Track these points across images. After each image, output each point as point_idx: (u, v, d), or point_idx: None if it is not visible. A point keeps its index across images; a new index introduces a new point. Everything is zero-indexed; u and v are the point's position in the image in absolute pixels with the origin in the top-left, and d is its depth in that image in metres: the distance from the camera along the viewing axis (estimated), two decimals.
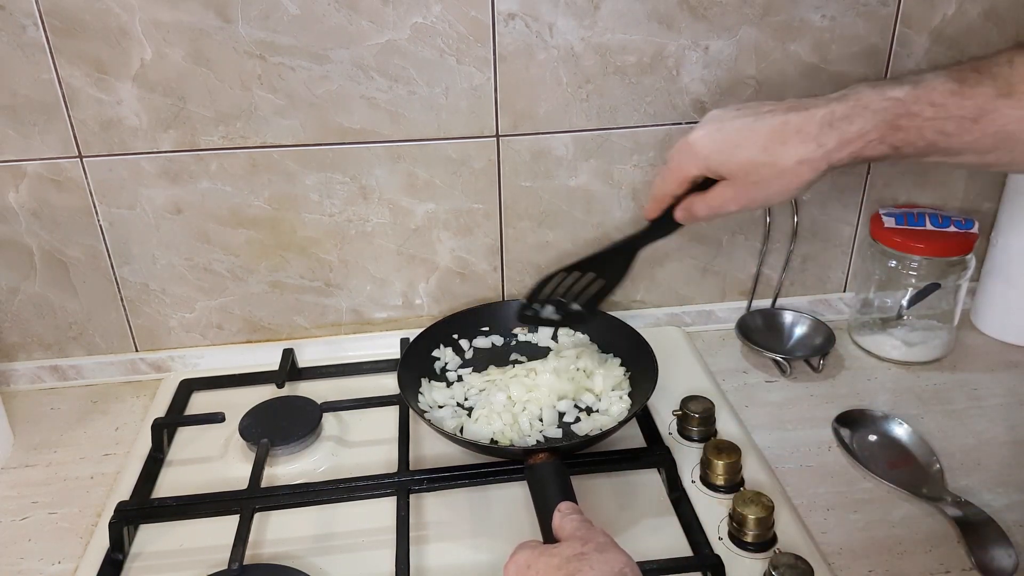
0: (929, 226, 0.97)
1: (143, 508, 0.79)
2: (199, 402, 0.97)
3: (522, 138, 0.95)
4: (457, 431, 0.84)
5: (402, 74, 0.90)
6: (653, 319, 1.08)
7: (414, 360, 0.93)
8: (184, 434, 0.91)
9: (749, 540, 0.72)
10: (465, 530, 0.77)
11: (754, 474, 0.81)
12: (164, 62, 0.87)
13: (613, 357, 0.95)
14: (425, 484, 0.80)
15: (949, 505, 0.76)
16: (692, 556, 0.72)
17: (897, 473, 0.82)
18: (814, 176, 0.61)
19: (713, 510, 0.77)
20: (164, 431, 0.89)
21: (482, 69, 0.91)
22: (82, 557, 0.76)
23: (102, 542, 0.76)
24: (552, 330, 0.99)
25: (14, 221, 0.93)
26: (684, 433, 0.87)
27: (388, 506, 0.77)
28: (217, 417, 0.86)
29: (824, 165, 0.60)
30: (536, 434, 0.83)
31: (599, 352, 0.96)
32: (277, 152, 0.93)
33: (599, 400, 0.88)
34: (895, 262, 0.98)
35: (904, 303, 0.99)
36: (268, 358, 1.00)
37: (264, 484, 0.80)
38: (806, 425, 0.90)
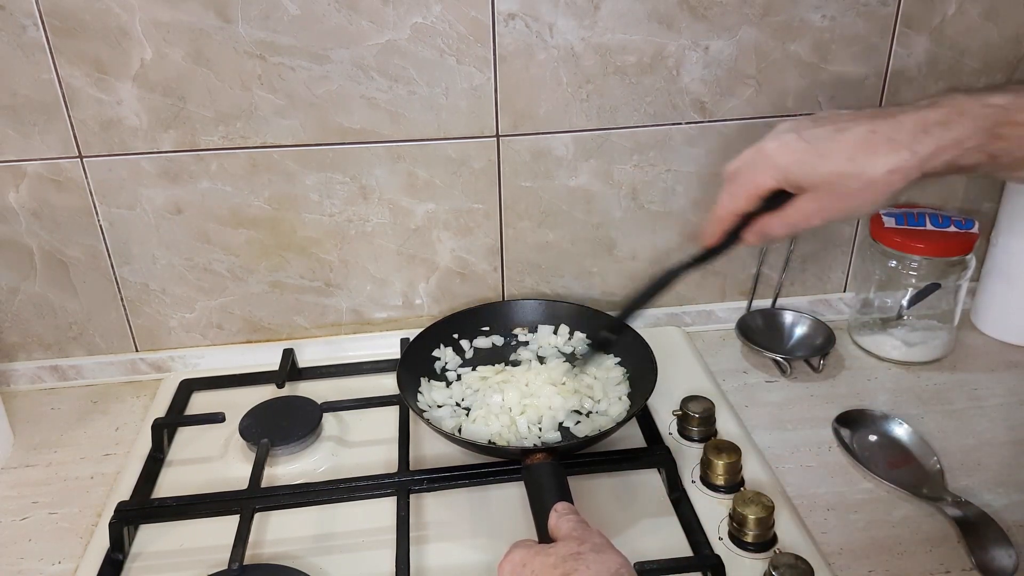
0: (929, 226, 0.97)
1: (143, 508, 0.79)
2: (199, 402, 0.97)
3: (522, 138, 0.95)
4: (456, 431, 0.84)
5: (402, 74, 0.90)
6: (653, 319, 1.08)
7: (414, 360, 0.93)
8: (184, 434, 0.91)
9: (749, 540, 0.72)
10: (465, 530, 0.77)
11: (754, 474, 0.81)
12: (164, 62, 0.87)
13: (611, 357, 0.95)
14: (425, 484, 0.80)
15: (949, 505, 0.76)
16: (692, 556, 0.72)
17: (897, 473, 0.82)
18: (905, 185, 0.58)
19: (713, 510, 0.77)
20: (164, 431, 0.89)
21: (482, 69, 0.91)
22: (82, 557, 0.76)
23: (102, 542, 0.76)
24: (551, 329, 0.99)
25: (14, 221, 0.93)
26: (684, 433, 0.87)
27: (388, 506, 0.77)
28: (217, 417, 0.86)
29: (917, 173, 0.57)
30: (534, 437, 0.83)
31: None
32: (277, 152, 0.93)
33: (598, 403, 0.88)
34: (895, 262, 0.98)
35: (904, 303, 0.99)
36: (268, 358, 1.00)
37: (264, 484, 0.80)
38: (806, 425, 0.90)
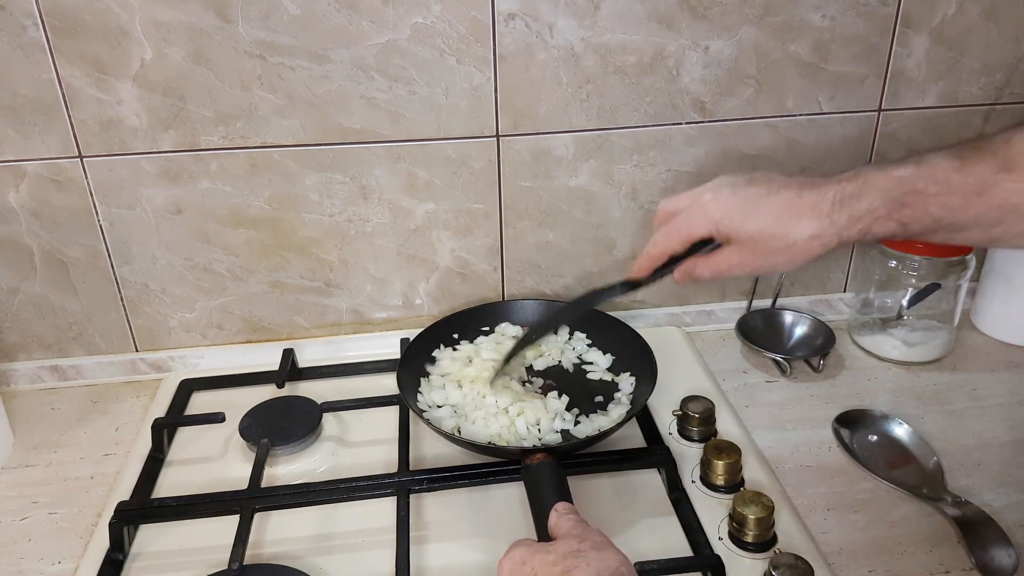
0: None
1: (143, 508, 0.79)
2: (199, 402, 0.97)
3: (522, 138, 0.95)
4: (456, 431, 0.84)
5: (402, 74, 0.90)
6: (653, 319, 1.08)
7: (414, 360, 0.93)
8: (184, 434, 0.91)
9: (749, 540, 0.72)
10: (465, 530, 0.77)
11: (754, 474, 0.81)
12: (164, 62, 0.87)
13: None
14: (425, 484, 0.80)
15: (949, 505, 0.76)
16: (692, 556, 0.72)
17: (897, 473, 0.82)
18: (823, 251, 0.63)
19: (713, 510, 0.77)
20: (164, 431, 0.89)
21: (482, 69, 0.91)
22: (82, 557, 0.76)
23: (102, 542, 0.76)
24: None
25: (14, 221, 0.93)
26: (684, 433, 0.87)
27: (388, 506, 0.77)
28: (217, 417, 0.86)
29: (834, 241, 0.62)
30: (533, 438, 0.83)
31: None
32: (277, 152, 0.93)
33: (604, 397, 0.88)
34: (895, 262, 0.98)
35: (904, 303, 0.99)
36: (268, 358, 1.00)
37: (264, 484, 0.80)
38: (806, 425, 0.90)
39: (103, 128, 0.89)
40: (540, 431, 0.84)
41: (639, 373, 0.91)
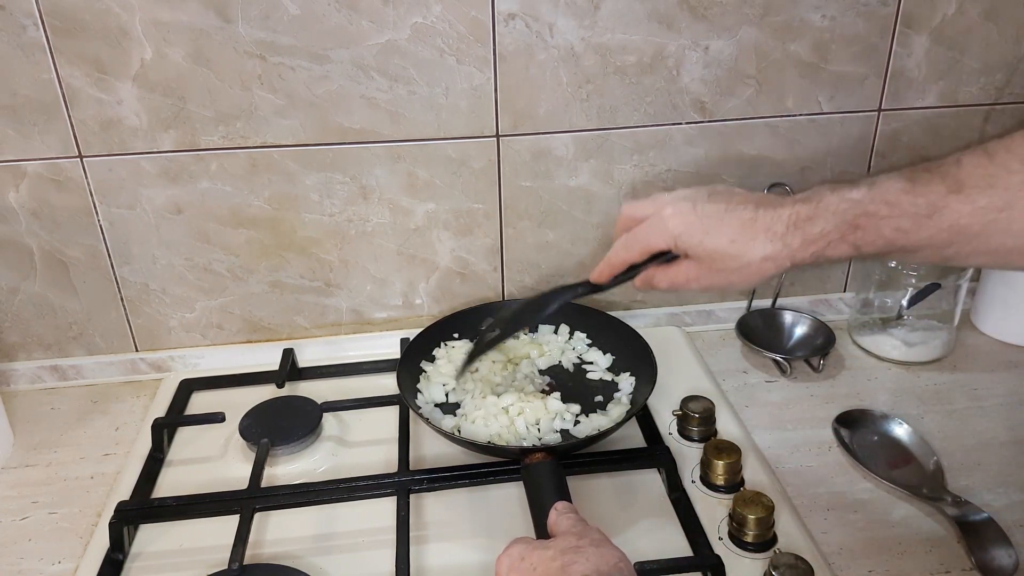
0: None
1: (143, 508, 0.79)
2: (199, 402, 0.97)
3: (522, 138, 0.95)
4: (456, 431, 0.84)
5: (402, 74, 0.90)
6: (653, 319, 1.08)
7: (414, 360, 0.93)
8: (184, 434, 0.91)
9: (749, 540, 0.72)
10: (465, 530, 0.77)
11: (754, 474, 0.81)
12: (164, 62, 0.87)
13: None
14: (425, 484, 0.80)
15: (949, 505, 0.76)
16: (692, 556, 0.72)
17: (897, 473, 0.82)
18: (776, 272, 0.63)
19: (713, 510, 0.77)
20: (164, 431, 0.89)
21: (482, 69, 0.91)
22: (82, 557, 0.76)
23: (102, 542, 0.76)
24: (551, 329, 0.99)
25: (14, 221, 0.93)
26: (684, 433, 0.87)
27: (388, 506, 0.77)
28: (217, 417, 0.86)
29: (788, 263, 0.62)
30: (533, 438, 0.83)
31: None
32: (277, 152, 0.93)
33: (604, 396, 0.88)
34: (895, 262, 0.98)
35: (904, 303, 0.99)
36: (268, 358, 1.00)
37: (264, 484, 0.80)
38: (806, 425, 0.90)
39: (103, 128, 0.89)
40: (540, 431, 0.84)
41: (639, 373, 0.91)
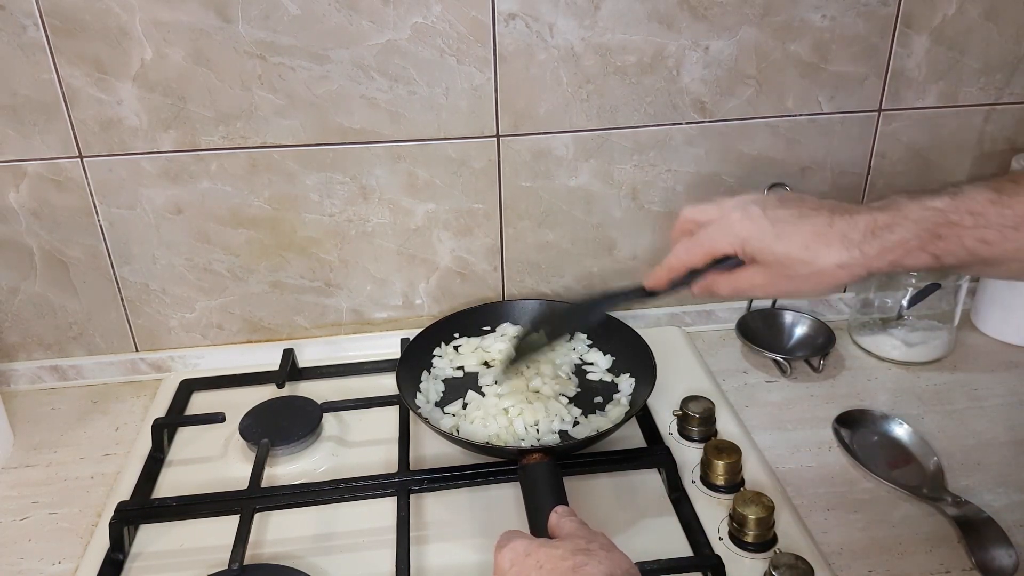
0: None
1: (143, 508, 0.79)
2: (199, 402, 0.97)
3: (522, 138, 0.95)
4: (454, 431, 0.84)
5: (402, 74, 0.90)
6: (653, 319, 1.08)
7: (414, 360, 0.93)
8: (184, 434, 0.91)
9: (749, 540, 0.72)
10: (465, 530, 0.77)
11: (754, 474, 0.81)
12: (164, 62, 0.87)
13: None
14: (425, 484, 0.80)
15: (949, 505, 0.76)
16: (692, 556, 0.72)
17: (897, 473, 0.82)
18: (850, 280, 0.61)
19: (713, 510, 0.77)
20: (164, 431, 0.89)
21: (482, 69, 0.91)
22: (82, 557, 0.76)
23: (102, 542, 0.76)
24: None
25: (14, 221, 0.93)
26: (684, 433, 0.87)
27: (388, 506, 0.77)
28: (217, 417, 0.86)
29: (863, 272, 0.60)
30: (531, 438, 0.83)
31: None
32: (277, 152, 0.93)
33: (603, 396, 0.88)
34: None
35: (904, 303, 0.99)
36: (268, 358, 1.00)
37: (264, 484, 0.80)
38: (806, 425, 0.90)
39: (103, 128, 0.89)
40: (539, 431, 0.84)
41: (639, 374, 0.91)
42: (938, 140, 1.02)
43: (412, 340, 0.95)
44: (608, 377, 0.93)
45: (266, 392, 0.95)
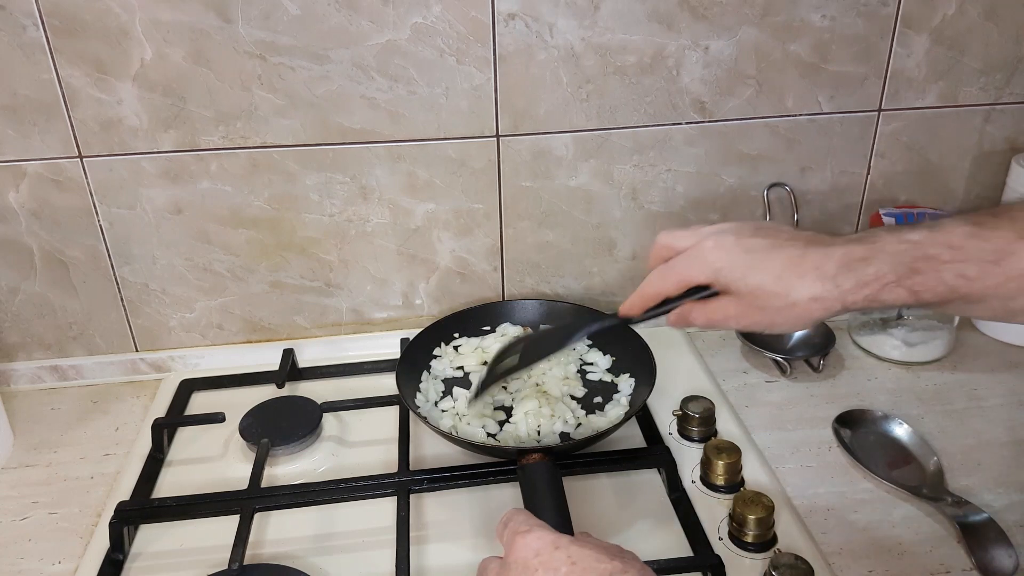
0: None
1: (143, 508, 0.79)
2: (199, 402, 0.97)
3: (522, 138, 0.95)
4: (452, 430, 0.84)
5: (402, 74, 0.90)
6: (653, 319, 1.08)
7: (414, 360, 0.93)
8: (184, 434, 0.91)
9: (749, 540, 0.72)
10: (465, 530, 0.77)
11: (754, 474, 0.81)
12: (164, 62, 0.87)
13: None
14: (425, 484, 0.80)
15: (949, 505, 0.76)
16: (692, 556, 0.72)
17: (897, 473, 0.82)
18: (824, 315, 0.59)
19: (713, 510, 0.77)
20: (164, 431, 0.89)
21: (482, 69, 0.91)
22: (82, 557, 0.76)
23: (102, 542, 0.76)
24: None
25: (14, 221, 0.93)
26: (684, 433, 0.87)
27: (388, 506, 0.77)
28: (217, 417, 0.86)
29: (838, 306, 0.58)
30: (532, 439, 0.83)
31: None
32: (277, 152, 0.93)
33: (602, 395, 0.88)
34: None
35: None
36: (268, 358, 1.00)
37: (264, 484, 0.80)
38: (806, 425, 0.90)
39: (103, 128, 0.89)
40: (540, 432, 0.84)
41: (638, 375, 0.91)
42: (938, 140, 1.02)
43: (412, 340, 0.95)
44: (608, 377, 0.93)
45: (266, 392, 0.95)
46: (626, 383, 0.91)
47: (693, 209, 1.02)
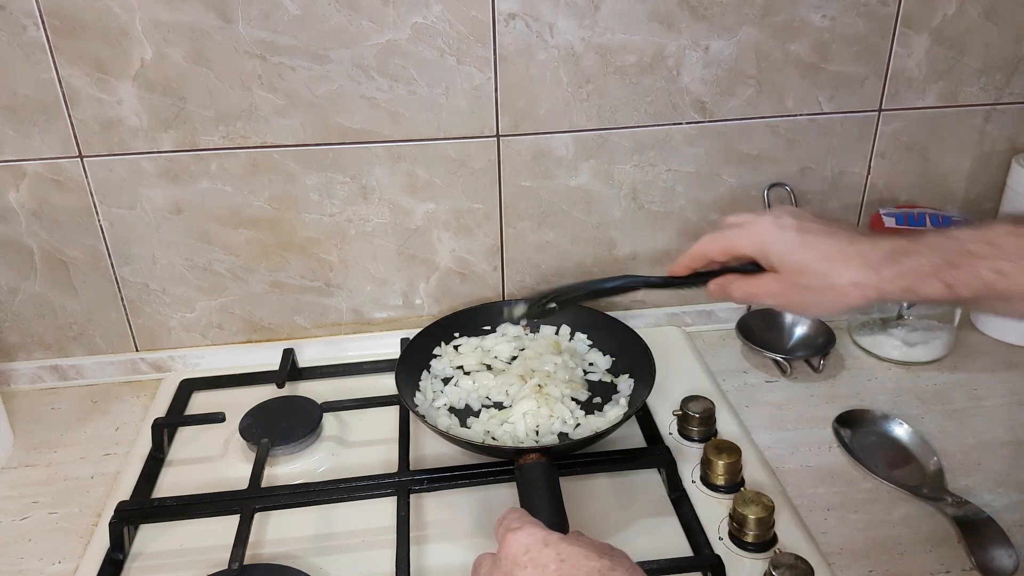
0: (929, 226, 0.97)
1: (143, 508, 0.79)
2: (199, 402, 0.97)
3: (522, 138, 0.95)
4: (449, 430, 0.84)
5: (402, 74, 0.90)
6: (653, 319, 1.08)
7: (413, 360, 0.93)
8: (184, 434, 0.91)
9: (749, 540, 0.72)
10: (465, 530, 0.77)
11: (754, 474, 0.81)
12: (164, 62, 0.87)
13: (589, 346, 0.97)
14: (425, 484, 0.80)
15: (949, 505, 0.76)
16: (692, 556, 0.72)
17: (897, 473, 0.82)
18: (862, 302, 0.60)
19: (713, 510, 0.77)
20: (164, 431, 0.89)
21: (482, 69, 0.91)
22: (82, 557, 0.76)
23: (102, 542, 0.76)
24: (553, 330, 0.99)
25: (14, 221, 0.93)
26: (684, 433, 0.87)
27: (388, 506, 0.77)
28: (217, 417, 0.86)
29: (874, 294, 0.60)
30: (530, 439, 0.83)
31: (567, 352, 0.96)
32: (277, 152, 0.93)
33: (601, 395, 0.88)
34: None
35: (904, 303, 0.99)
36: (268, 358, 1.00)
37: (264, 484, 0.80)
38: (806, 425, 0.90)
39: (103, 128, 0.89)
40: (539, 432, 0.84)
41: (638, 375, 0.91)
42: (938, 140, 1.02)
43: (412, 340, 0.95)
44: (608, 378, 0.93)
45: (266, 392, 0.95)
46: (625, 383, 0.91)
47: (693, 209, 1.02)
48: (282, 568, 0.72)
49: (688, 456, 0.83)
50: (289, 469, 0.85)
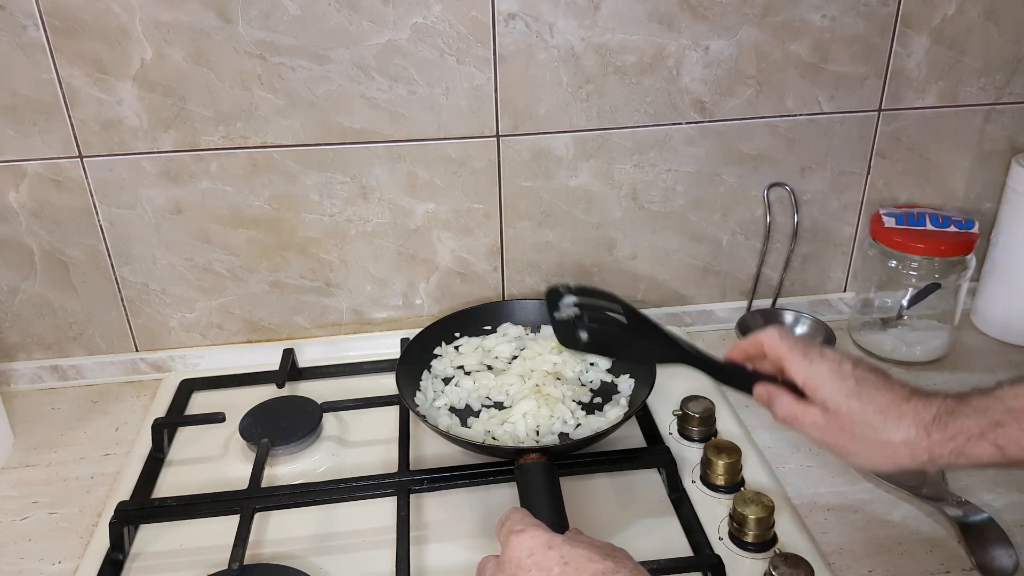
0: (929, 226, 0.97)
1: (143, 508, 0.79)
2: (199, 402, 0.97)
3: (522, 138, 0.95)
4: (449, 430, 0.84)
5: (402, 74, 0.90)
6: (653, 319, 1.07)
7: (413, 360, 0.93)
8: (184, 434, 0.91)
9: (749, 540, 0.72)
10: (465, 530, 0.77)
11: (754, 474, 0.81)
12: (164, 62, 0.87)
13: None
14: (425, 484, 0.80)
15: (949, 505, 0.76)
16: (692, 556, 0.72)
17: (897, 473, 0.82)
18: (910, 463, 0.60)
19: (713, 510, 0.77)
20: (164, 431, 0.89)
21: (482, 69, 0.91)
22: (82, 557, 0.76)
23: (102, 542, 0.76)
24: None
25: (14, 221, 0.93)
26: (684, 433, 0.87)
27: (388, 506, 0.77)
28: (217, 417, 0.86)
29: (925, 456, 0.59)
30: (531, 440, 0.83)
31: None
32: (277, 152, 0.93)
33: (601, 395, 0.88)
34: (895, 262, 0.98)
35: (904, 303, 0.99)
36: (268, 358, 1.00)
37: (264, 484, 0.80)
38: None
39: (103, 128, 0.89)
40: (539, 432, 0.84)
41: (638, 375, 0.91)
42: (938, 140, 1.02)
43: (412, 340, 0.95)
44: (608, 378, 0.93)
45: (266, 392, 0.95)
46: (625, 383, 0.91)
47: (693, 209, 1.02)
48: (282, 568, 0.72)
49: (688, 456, 0.83)
50: (289, 469, 0.85)
